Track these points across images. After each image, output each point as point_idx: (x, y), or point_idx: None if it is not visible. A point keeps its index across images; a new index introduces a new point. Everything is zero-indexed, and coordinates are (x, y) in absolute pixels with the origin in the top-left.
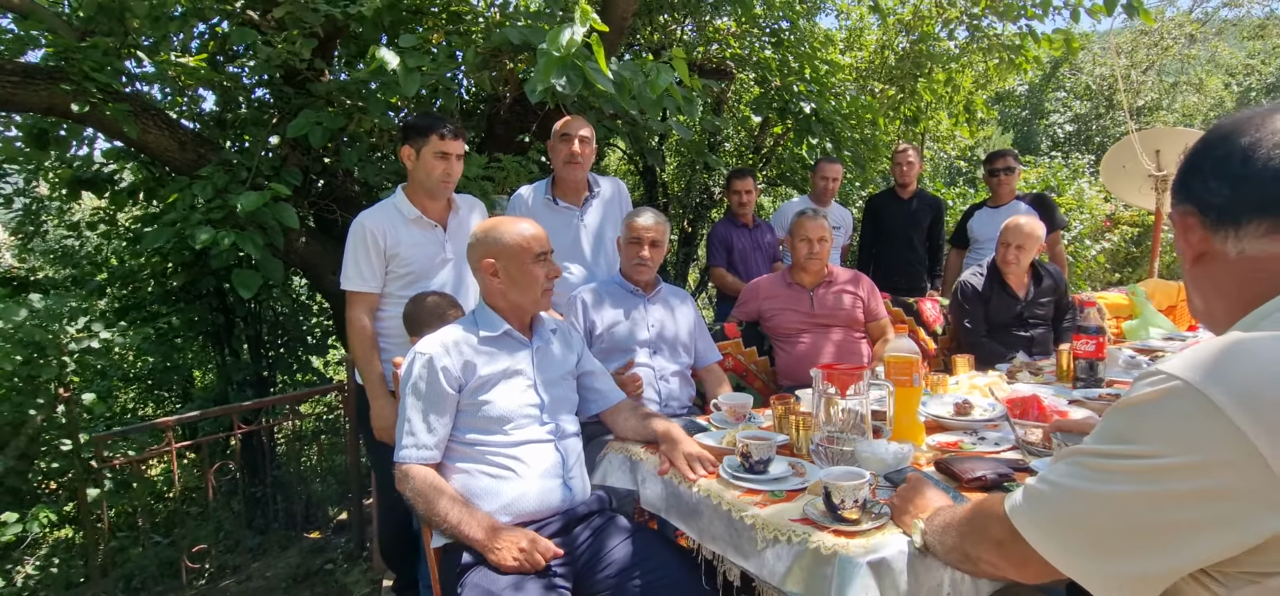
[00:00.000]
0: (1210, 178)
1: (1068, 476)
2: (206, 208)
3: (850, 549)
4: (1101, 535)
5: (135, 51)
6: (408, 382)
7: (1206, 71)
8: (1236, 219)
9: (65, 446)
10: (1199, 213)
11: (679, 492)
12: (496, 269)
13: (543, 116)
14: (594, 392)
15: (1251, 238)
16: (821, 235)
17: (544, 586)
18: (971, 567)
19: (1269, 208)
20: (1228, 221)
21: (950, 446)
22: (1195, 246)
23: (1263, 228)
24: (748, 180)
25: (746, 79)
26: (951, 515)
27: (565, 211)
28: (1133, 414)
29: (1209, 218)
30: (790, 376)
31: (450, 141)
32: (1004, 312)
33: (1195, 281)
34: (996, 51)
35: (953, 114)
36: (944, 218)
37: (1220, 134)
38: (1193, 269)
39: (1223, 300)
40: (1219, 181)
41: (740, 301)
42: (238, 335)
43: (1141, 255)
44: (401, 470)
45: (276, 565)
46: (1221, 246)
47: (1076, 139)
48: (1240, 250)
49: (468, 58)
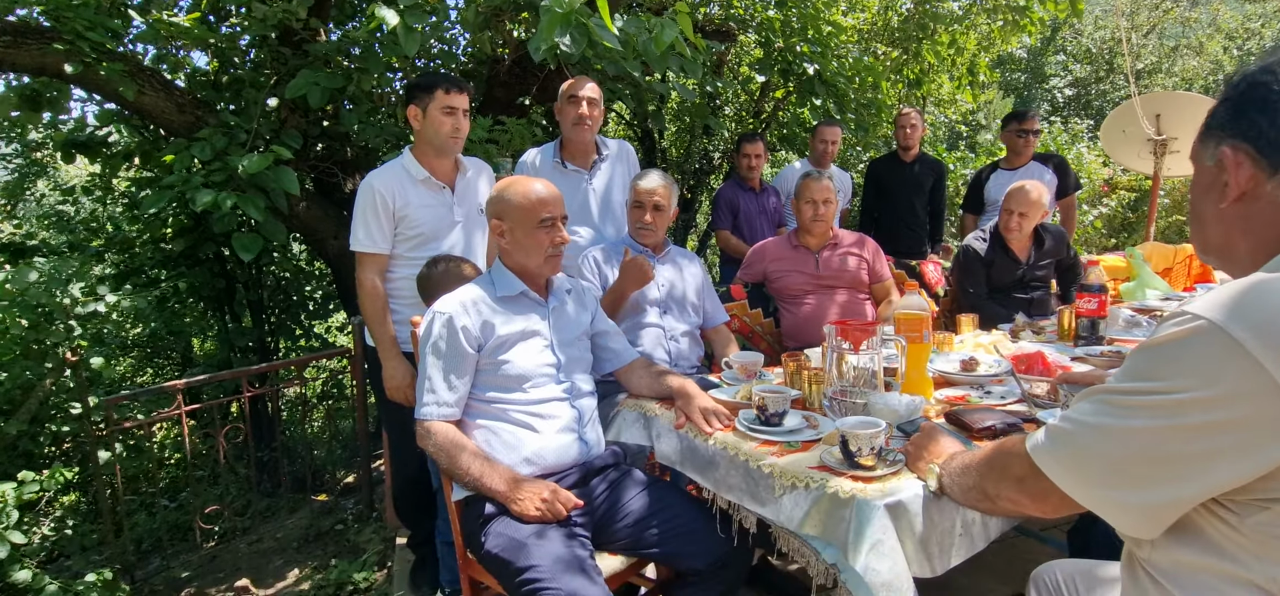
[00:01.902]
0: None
1: (1092, 413)
2: (205, 170)
3: (867, 492)
4: (1122, 467)
5: (126, 8)
6: (428, 342)
7: (1207, 35)
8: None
9: (75, 410)
10: (1257, 150)
11: (695, 446)
12: (503, 230)
13: (543, 79)
14: (608, 351)
15: None
16: (826, 197)
17: (566, 535)
18: (990, 505)
19: None
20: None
21: (958, 400)
22: (1241, 184)
23: None
24: (757, 144)
25: (748, 41)
26: (970, 457)
27: (574, 174)
28: (1158, 353)
29: (1270, 157)
30: (795, 337)
31: (456, 95)
32: (1005, 276)
33: (1223, 219)
34: (1001, 12)
35: (955, 77)
36: (945, 181)
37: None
38: (1229, 207)
39: (1250, 241)
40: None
41: (746, 263)
42: (239, 300)
43: (1137, 221)
44: (423, 427)
45: (286, 526)
46: (1274, 190)
47: (1076, 103)
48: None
49: (468, 16)
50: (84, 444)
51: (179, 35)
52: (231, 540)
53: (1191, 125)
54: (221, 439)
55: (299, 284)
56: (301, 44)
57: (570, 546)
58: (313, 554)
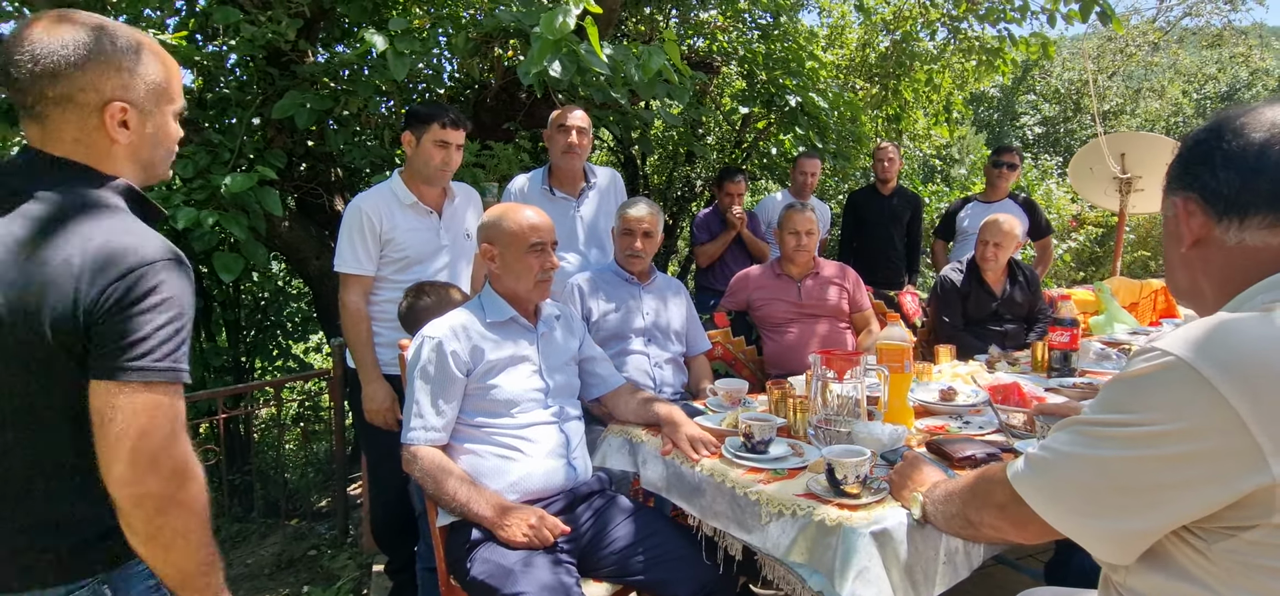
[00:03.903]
0: (1220, 168)
1: (1067, 443)
2: (187, 188)
3: (853, 520)
4: (1096, 495)
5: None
6: (416, 366)
7: (1167, 79)
8: (1243, 210)
9: None
10: (1203, 200)
11: (681, 472)
12: (494, 255)
13: (530, 105)
14: (595, 377)
15: (1254, 229)
16: (809, 228)
17: (551, 562)
18: (973, 532)
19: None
20: (1234, 211)
21: (938, 430)
22: (1195, 232)
23: (1267, 220)
24: (739, 183)
25: (730, 72)
26: (952, 485)
27: (562, 201)
28: (1130, 386)
29: (1214, 207)
30: (778, 364)
31: (451, 131)
32: (980, 308)
33: (1187, 264)
34: (976, 53)
35: (930, 113)
36: (922, 214)
37: (1231, 127)
38: (1187, 252)
39: (1212, 282)
40: (1230, 172)
41: (730, 291)
42: (216, 320)
43: (1105, 254)
44: (409, 451)
45: (259, 552)
46: (1222, 234)
47: (1045, 141)
48: (1240, 239)
49: (458, 42)
50: None
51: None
52: None
53: (1155, 164)
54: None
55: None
56: (289, 65)
57: (556, 573)
58: (285, 580)
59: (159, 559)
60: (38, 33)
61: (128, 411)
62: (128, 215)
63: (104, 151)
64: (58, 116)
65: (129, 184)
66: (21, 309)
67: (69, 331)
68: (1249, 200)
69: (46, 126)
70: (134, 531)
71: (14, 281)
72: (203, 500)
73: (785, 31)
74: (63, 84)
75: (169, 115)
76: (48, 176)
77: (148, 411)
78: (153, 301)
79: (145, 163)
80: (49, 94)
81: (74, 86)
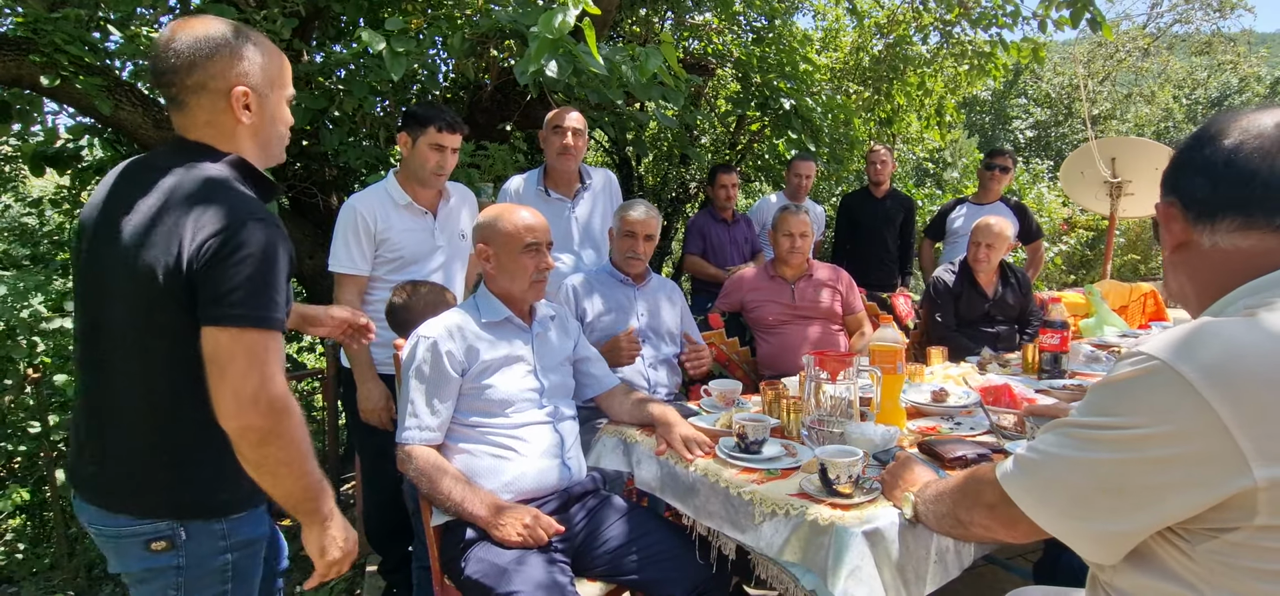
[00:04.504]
0: (1195, 174)
1: (1055, 445)
2: None
3: (846, 520)
4: (1083, 496)
5: (105, 24)
6: (411, 366)
7: (1158, 84)
8: (1213, 214)
9: (33, 428)
10: (1182, 206)
11: (675, 472)
12: (489, 255)
13: (525, 105)
14: (590, 377)
15: (1225, 232)
16: (803, 230)
17: (546, 561)
18: (963, 532)
19: (1242, 206)
20: (1206, 216)
21: (929, 430)
22: (1176, 236)
23: (1235, 223)
24: (732, 174)
25: (725, 75)
26: (943, 485)
27: (557, 202)
28: (1116, 389)
29: (1191, 211)
30: (771, 365)
31: (447, 134)
32: (972, 309)
33: (1174, 267)
34: (968, 58)
35: (923, 117)
36: (915, 216)
37: (1208, 134)
38: (1172, 256)
39: (1195, 285)
40: (1201, 178)
41: (724, 292)
42: None
43: (1095, 258)
44: (404, 451)
45: None
46: (1198, 238)
47: (1037, 145)
48: (1214, 242)
49: (455, 43)
50: (41, 464)
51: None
52: None
53: (1145, 169)
54: None
55: None
56: None
57: (551, 572)
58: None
59: (268, 484)
60: (178, 34)
61: (227, 353)
62: (232, 184)
63: (230, 131)
64: (194, 102)
65: (241, 158)
66: (148, 264)
67: (178, 284)
68: (1218, 204)
69: (186, 112)
70: (246, 459)
71: (144, 242)
72: (301, 434)
73: (780, 34)
74: (198, 73)
75: (282, 99)
76: (180, 156)
77: (244, 353)
78: (242, 255)
79: (264, 141)
80: (187, 83)
81: (206, 75)
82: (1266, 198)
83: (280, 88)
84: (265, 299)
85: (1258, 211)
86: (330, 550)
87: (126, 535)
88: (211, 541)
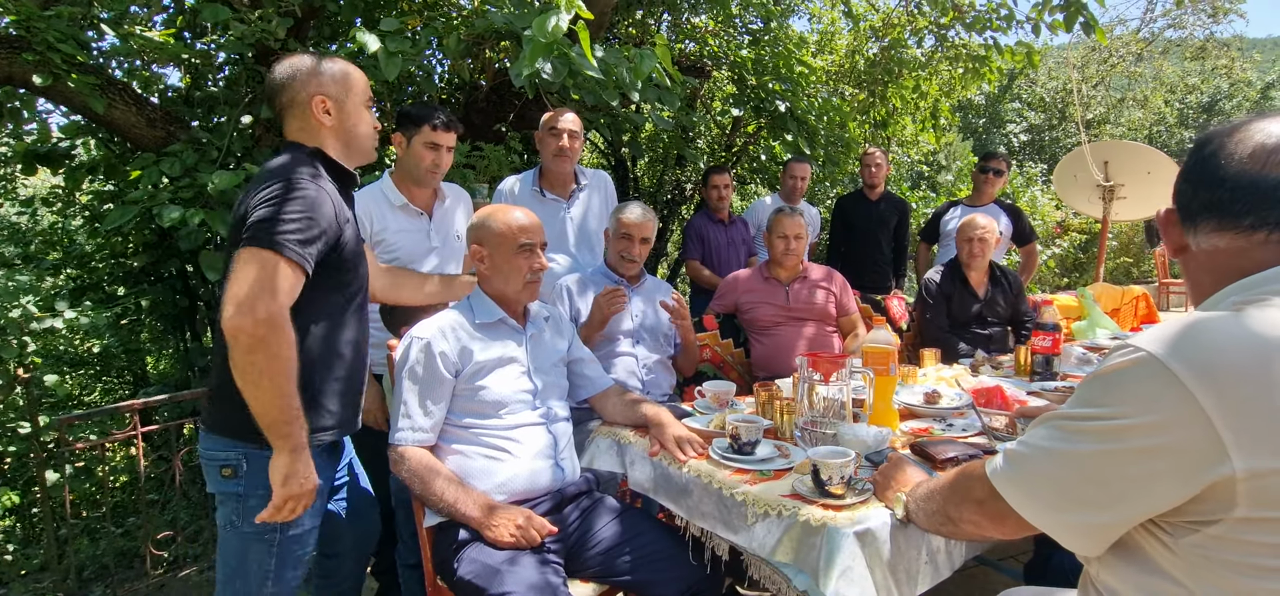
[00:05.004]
0: (1184, 181)
1: (1043, 438)
2: (174, 186)
3: (837, 520)
4: (1069, 488)
5: (98, 23)
6: (404, 366)
7: (1151, 89)
8: (1194, 217)
9: (23, 429)
10: (1177, 211)
11: (668, 473)
12: (483, 256)
13: (520, 106)
14: (583, 378)
15: (1205, 234)
16: (798, 232)
17: (538, 561)
18: (953, 529)
19: (1214, 208)
20: (1189, 219)
21: (922, 432)
22: (1175, 241)
23: (1212, 225)
24: (725, 175)
25: (721, 77)
26: (934, 484)
27: (552, 203)
28: (1103, 381)
29: (1182, 215)
30: (765, 367)
31: (442, 133)
32: (963, 310)
33: (1181, 269)
34: (962, 61)
35: (918, 120)
36: (909, 219)
37: (1199, 142)
38: (1174, 259)
39: (1191, 285)
40: (1187, 184)
41: (718, 294)
42: (201, 319)
43: (1088, 261)
44: (397, 452)
45: None
46: (1190, 241)
47: (1031, 148)
48: (1198, 244)
49: (450, 44)
50: (31, 465)
51: (153, 51)
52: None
53: (1137, 172)
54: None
55: None
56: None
57: (543, 573)
58: None
59: (249, 394)
60: (276, 69)
61: (242, 264)
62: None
63: (315, 131)
64: (288, 114)
65: (319, 148)
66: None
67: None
68: (1197, 207)
69: (288, 122)
70: (234, 364)
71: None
72: (289, 355)
73: (775, 37)
74: (288, 93)
75: (360, 106)
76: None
77: (253, 266)
78: (271, 194)
79: (346, 139)
80: (284, 101)
81: (293, 93)
82: (1233, 200)
83: (355, 96)
84: (282, 229)
85: (1227, 213)
86: (291, 482)
87: (208, 457)
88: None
